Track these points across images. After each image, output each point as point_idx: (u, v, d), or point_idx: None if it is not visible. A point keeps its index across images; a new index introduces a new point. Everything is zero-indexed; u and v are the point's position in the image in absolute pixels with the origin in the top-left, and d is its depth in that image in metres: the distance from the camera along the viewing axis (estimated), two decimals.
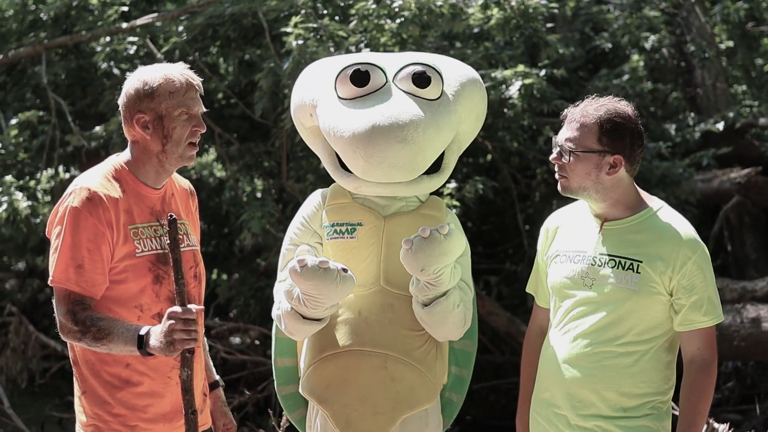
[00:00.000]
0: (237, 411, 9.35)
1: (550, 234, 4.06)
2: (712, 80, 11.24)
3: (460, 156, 4.25)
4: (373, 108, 3.95)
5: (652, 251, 3.79)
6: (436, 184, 4.06)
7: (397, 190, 4.00)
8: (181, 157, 3.74)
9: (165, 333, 3.44)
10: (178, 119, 3.69)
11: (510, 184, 9.85)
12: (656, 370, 3.85)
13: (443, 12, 8.41)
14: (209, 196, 11.05)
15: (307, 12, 8.38)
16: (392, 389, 3.93)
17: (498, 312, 9.37)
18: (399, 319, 3.96)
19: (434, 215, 4.08)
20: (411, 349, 3.97)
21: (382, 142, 3.86)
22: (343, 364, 3.96)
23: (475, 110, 4.16)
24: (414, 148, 3.87)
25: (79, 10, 9.93)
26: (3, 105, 10.21)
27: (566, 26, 11.25)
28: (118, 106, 3.76)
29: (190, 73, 3.74)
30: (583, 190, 3.84)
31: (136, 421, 3.72)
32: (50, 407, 9.97)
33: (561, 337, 3.91)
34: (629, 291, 3.79)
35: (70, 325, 3.57)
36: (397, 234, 3.97)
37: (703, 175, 10.26)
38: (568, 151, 3.81)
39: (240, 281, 10.34)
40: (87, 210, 3.60)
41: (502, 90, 8.43)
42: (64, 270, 3.60)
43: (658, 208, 3.91)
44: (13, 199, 8.82)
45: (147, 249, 3.71)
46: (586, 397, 3.84)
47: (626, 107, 3.86)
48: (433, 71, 4.04)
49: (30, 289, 12.70)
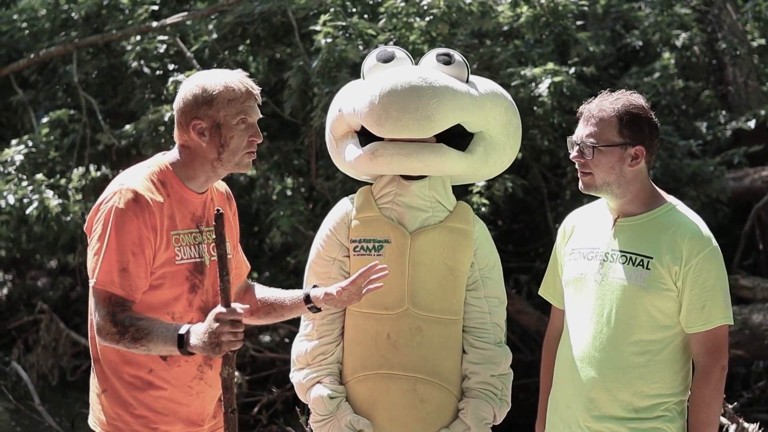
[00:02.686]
0: (266, 409, 9.38)
1: (567, 233, 4.04)
2: (743, 78, 11.16)
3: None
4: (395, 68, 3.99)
5: (662, 246, 3.76)
6: (458, 162, 3.97)
7: (414, 152, 3.90)
8: (238, 165, 3.69)
9: (210, 334, 3.39)
10: (236, 128, 3.64)
11: (540, 182, 9.82)
12: (670, 369, 3.80)
13: (472, 10, 8.41)
14: (240, 195, 11.08)
15: (336, 10, 8.39)
16: (422, 410, 3.93)
17: (528, 310, 9.35)
18: (427, 341, 3.93)
19: (462, 228, 4.02)
20: (440, 371, 3.95)
21: (398, 84, 3.84)
22: (372, 387, 3.95)
23: (501, 118, 4.07)
24: (428, 93, 3.82)
25: (110, 9, 10.00)
26: (34, 104, 10.28)
27: (597, 24, 11.21)
28: (148, 105, 3.72)
29: (249, 82, 3.68)
30: (606, 186, 3.81)
31: (158, 424, 3.68)
32: (80, 404, 9.99)
33: (574, 336, 3.89)
34: (638, 288, 3.76)
35: (110, 326, 3.52)
36: (423, 253, 3.94)
37: (735, 173, 10.19)
38: (590, 148, 3.80)
39: (270, 279, 10.35)
40: (132, 212, 3.55)
41: (532, 88, 8.41)
42: (108, 272, 3.54)
43: (672, 206, 3.87)
44: (43, 198, 8.87)
45: (186, 257, 3.67)
46: (598, 396, 3.81)
47: (640, 99, 3.85)
48: (458, 55, 4.03)
49: (61, 287, 12.77)
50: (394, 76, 3.88)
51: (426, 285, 3.88)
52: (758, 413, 9.35)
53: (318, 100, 8.05)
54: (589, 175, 3.83)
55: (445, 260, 3.93)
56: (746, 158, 9.97)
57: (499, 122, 4.04)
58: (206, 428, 3.77)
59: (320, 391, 3.97)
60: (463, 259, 3.95)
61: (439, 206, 4.03)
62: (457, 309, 3.96)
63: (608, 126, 3.79)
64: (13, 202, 8.85)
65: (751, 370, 9.89)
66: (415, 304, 3.92)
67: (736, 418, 5.58)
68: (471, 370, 3.92)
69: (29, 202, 8.90)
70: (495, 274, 4.03)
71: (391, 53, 4.03)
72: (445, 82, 3.89)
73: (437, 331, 3.93)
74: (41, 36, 10.56)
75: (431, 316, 3.92)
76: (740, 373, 9.83)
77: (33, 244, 10.84)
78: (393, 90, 3.84)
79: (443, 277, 3.92)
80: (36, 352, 10.59)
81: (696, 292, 3.73)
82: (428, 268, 3.90)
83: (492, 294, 4.00)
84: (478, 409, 3.88)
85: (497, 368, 3.94)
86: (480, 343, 3.96)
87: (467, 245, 3.96)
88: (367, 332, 3.96)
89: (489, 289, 3.98)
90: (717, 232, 3.89)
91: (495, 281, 4.02)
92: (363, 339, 3.97)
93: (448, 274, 3.92)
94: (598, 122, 3.80)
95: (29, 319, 11.23)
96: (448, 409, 3.95)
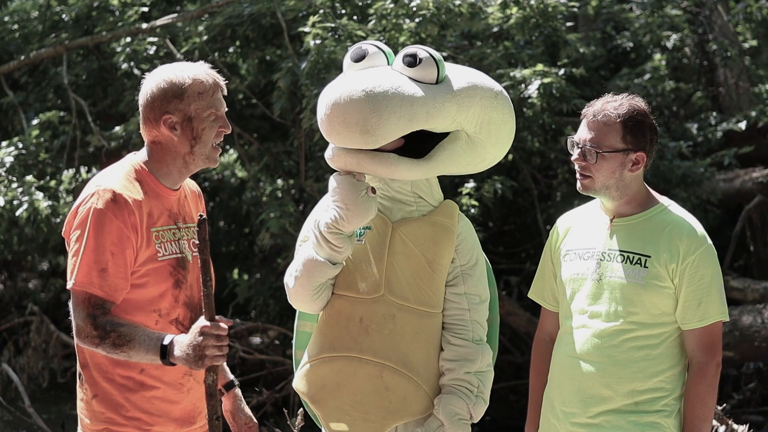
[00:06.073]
0: (256, 410, 9.34)
1: (561, 235, 4.06)
2: (734, 79, 11.17)
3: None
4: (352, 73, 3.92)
5: (658, 245, 3.80)
6: (413, 171, 3.87)
7: (364, 162, 3.82)
8: (208, 158, 3.68)
9: (195, 347, 3.38)
10: (207, 120, 3.62)
11: (530, 184, 9.83)
12: (668, 364, 3.83)
13: (462, 11, 8.40)
14: (230, 197, 11.09)
15: (326, 12, 8.38)
16: (385, 398, 3.89)
17: (518, 312, 9.35)
18: (400, 330, 3.90)
19: (445, 223, 4.01)
20: (409, 361, 3.92)
21: (341, 97, 3.75)
22: (339, 368, 3.91)
23: (476, 118, 3.94)
24: (368, 108, 3.72)
25: (100, 10, 9.98)
26: (25, 105, 10.27)
27: (588, 25, 11.22)
28: (138, 107, 3.68)
29: (215, 74, 3.67)
30: (605, 189, 3.85)
31: (151, 425, 3.66)
32: (71, 406, 9.97)
33: (572, 334, 3.91)
34: (637, 285, 3.79)
35: (89, 329, 3.49)
36: (402, 243, 3.91)
37: (725, 174, 10.20)
38: (593, 152, 3.82)
39: (260, 281, 10.35)
40: (112, 212, 3.52)
41: (521, 89, 8.40)
42: (87, 273, 3.51)
43: (666, 205, 3.92)
44: (33, 199, 8.85)
45: (168, 253, 3.65)
46: (598, 392, 3.83)
47: (642, 103, 3.88)
48: (426, 54, 3.93)
49: (53, 289, 12.76)
50: (340, 87, 3.81)
51: (403, 274, 3.86)
52: (749, 414, 9.36)
53: (307, 101, 8.04)
54: (589, 178, 3.86)
55: (424, 252, 3.90)
56: (737, 160, 9.97)
57: (473, 122, 3.93)
58: (197, 427, 3.76)
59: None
60: (443, 252, 3.92)
61: (423, 201, 4.00)
62: (433, 302, 3.93)
63: (612, 132, 3.82)
64: (3, 203, 8.83)
65: (742, 371, 9.90)
66: (391, 291, 3.90)
67: (726, 419, 5.57)
68: (446, 367, 3.91)
69: (19, 203, 8.88)
70: (477, 272, 3.99)
71: (363, 51, 3.95)
72: (391, 93, 3.77)
73: (411, 321, 3.90)
74: (32, 38, 10.55)
75: (406, 305, 3.90)
76: (731, 374, 9.84)
77: (24, 246, 10.81)
78: (336, 103, 3.77)
79: (421, 268, 3.90)
80: (26, 354, 10.58)
81: (692, 289, 3.77)
82: (407, 258, 3.88)
83: (473, 291, 3.97)
84: (449, 404, 3.85)
85: (472, 365, 3.91)
86: (457, 340, 3.93)
87: (448, 240, 3.93)
88: (341, 314, 3.92)
89: (469, 285, 3.95)
90: (707, 233, 3.91)
91: (476, 278, 3.98)
92: (336, 320, 3.93)
93: (426, 266, 3.90)
94: (602, 127, 3.83)
95: (20, 321, 11.22)
96: (414, 401, 3.92)
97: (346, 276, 3.87)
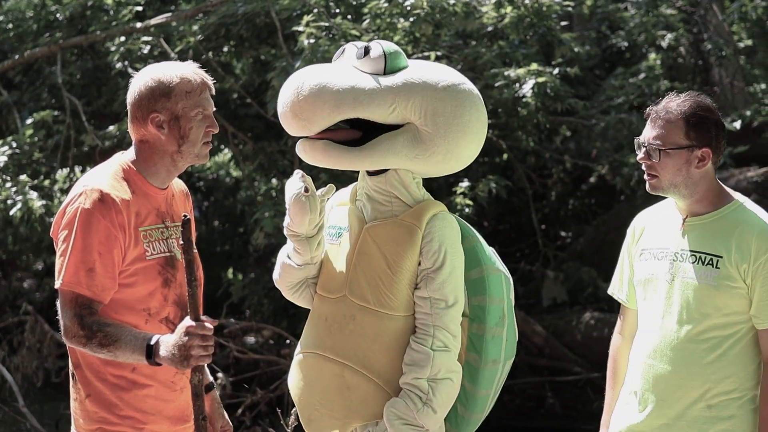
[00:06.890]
0: (250, 410, 9.37)
1: (637, 234, 4.06)
2: (729, 79, 11.19)
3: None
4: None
5: (730, 244, 3.78)
6: (353, 161, 3.87)
7: (306, 150, 3.87)
8: (197, 157, 3.69)
9: (180, 347, 3.39)
10: (195, 119, 3.63)
11: (525, 183, 9.82)
12: (742, 364, 3.82)
13: (456, 10, 8.40)
14: (225, 196, 11.08)
15: (320, 11, 8.38)
16: (347, 397, 3.91)
17: None
18: (360, 331, 3.90)
19: (411, 224, 3.91)
20: (370, 363, 3.91)
21: (285, 85, 3.84)
22: (310, 365, 3.96)
23: (420, 109, 3.87)
24: (297, 94, 3.77)
25: (95, 10, 9.98)
26: (19, 105, 10.27)
27: (582, 25, 11.22)
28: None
29: (203, 73, 3.69)
30: (674, 187, 3.84)
31: (145, 424, 3.67)
32: (65, 406, 9.96)
33: (646, 335, 3.93)
34: (709, 287, 3.78)
35: (76, 329, 3.49)
36: (369, 244, 3.91)
37: (720, 174, 10.18)
38: (656, 150, 3.82)
39: (254, 281, 10.34)
40: (99, 212, 3.52)
41: (516, 89, 8.41)
42: (74, 273, 3.51)
43: (740, 203, 3.89)
44: (27, 199, 8.85)
45: (156, 252, 3.65)
46: (671, 394, 3.85)
47: (707, 100, 3.87)
48: (377, 46, 3.92)
49: (47, 289, 12.76)
50: (290, 77, 3.91)
51: (364, 275, 3.86)
52: None
53: None
54: (656, 178, 3.85)
55: (386, 253, 3.89)
56: (732, 159, 9.98)
57: (418, 113, 3.88)
58: (190, 425, 3.74)
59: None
60: (404, 254, 3.88)
61: (398, 201, 3.96)
62: (394, 305, 3.90)
63: (675, 128, 3.80)
64: None
65: None
66: (352, 291, 3.91)
67: None
68: (403, 370, 3.92)
69: (13, 203, 8.88)
70: (442, 276, 3.92)
71: (341, 51, 4.01)
72: (320, 80, 3.80)
73: (371, 322, 3.89)
74: (26, 37, 10.55)
75: (366, 307, 3.90)
76: None
77: (19, 245, 10.81)
78: (282, 91, 3.85)
79: (381, 270, 3.89)
80: (21, 353, 10.56)
81: (767, 288, 3.75)
82: (370, 259, 3.88)
83: (436, 296, 3.91)
84: (392, 405, 3.85)
85: (421, 371, 3.87)
86: (414, 344, 3.91)
87: (411, 242, 3.89)
88: (314, 312, 3.99)
89: (432, 290, 3.91)
90: None
91: (441, 283, 3.91)
92: (311, 318, 4.00)
93: (386, 267, 3.90)
94: (665, 124, 3.81)
95: (14, 321, 11.20)
96: (374, 402, 3.91)
97: (323, 275, 3.92)
